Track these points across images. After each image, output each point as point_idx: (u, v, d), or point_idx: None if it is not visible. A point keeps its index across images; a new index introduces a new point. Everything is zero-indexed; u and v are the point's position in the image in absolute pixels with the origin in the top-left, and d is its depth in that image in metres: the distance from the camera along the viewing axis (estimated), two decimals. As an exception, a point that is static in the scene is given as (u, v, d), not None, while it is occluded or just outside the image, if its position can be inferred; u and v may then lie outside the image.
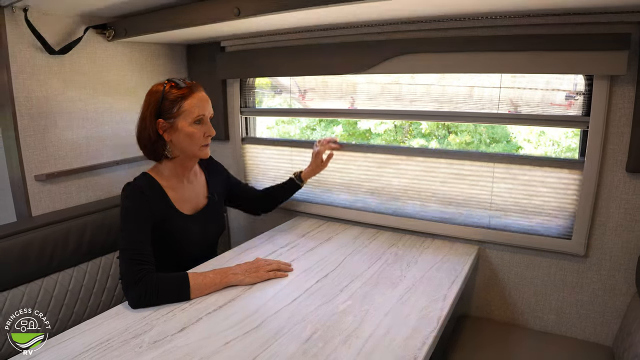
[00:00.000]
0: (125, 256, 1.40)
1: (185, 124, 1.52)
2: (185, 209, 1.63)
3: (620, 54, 1.47)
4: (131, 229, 1.44)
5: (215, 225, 1.76)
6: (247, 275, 1.52)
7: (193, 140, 1.55)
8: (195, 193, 1.70)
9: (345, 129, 8.78)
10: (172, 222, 1.57)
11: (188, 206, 1.65)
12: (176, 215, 1.59)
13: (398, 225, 2.07)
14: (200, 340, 1.18)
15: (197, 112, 1.53)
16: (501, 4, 1.48)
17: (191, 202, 1.67)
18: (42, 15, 1.84)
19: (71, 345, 1.15)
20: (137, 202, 1.49)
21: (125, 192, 1.52)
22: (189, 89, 1.54)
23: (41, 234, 1.69)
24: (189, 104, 1.52)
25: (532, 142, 7.43)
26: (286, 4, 1.49)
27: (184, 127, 1.52)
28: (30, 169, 1.88)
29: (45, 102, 1.90)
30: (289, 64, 2.12)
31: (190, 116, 1.52)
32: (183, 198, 1.63)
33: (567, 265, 1.76)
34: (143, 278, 1.35)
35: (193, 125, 1.53)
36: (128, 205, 1.49)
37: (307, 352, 1.13)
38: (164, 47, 2.41)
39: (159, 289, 1.35)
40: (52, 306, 1.67)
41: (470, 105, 1.90)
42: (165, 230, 1.54)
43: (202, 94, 1.57)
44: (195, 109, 1.52)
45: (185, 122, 1.52)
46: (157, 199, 1.55)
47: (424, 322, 1.28)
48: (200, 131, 1.55)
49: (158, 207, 1.53)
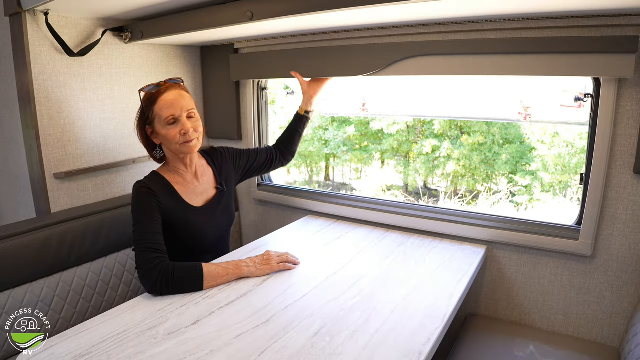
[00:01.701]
0: (139, 247, 1.47)
1: (160, 127, 1.59)
2: (195, 202, 1.69)
3: (628, 57, 1.48)
4: (142, 222, 1.52)
5: (225, 215, 1.80)
6: (259, 268, 1.57)
7: (170, 141, 1.60)
8: (204, 186, 1.75)
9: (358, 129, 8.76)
10: (183, 215, 1.63)
11: (197, 199, 1.71)
12: (186, 208, 1.65)
13: (407, 225, 2.10)
14: (212, 332, 1.22)
15: (167, 113, 1.57)
16: (509, 7, 1.50)
17: (201, 195, 1.72)
18: (62, 19, 1.91)
19: (89, 335, 1.20)
20: (145, 197, 1.56)
21: (134, 190, 1.59)
22: (158, 92, 1.59)
23: (60, 229, 1.75)
24: (158, 108, 1.58)
25: (545, 143, 7.37)
26: (298, 8, 1.53)
27: (160, 130, 1.59)
28: (49, 167, 1.94)
29: (64, 102, 1.97)
30: (300, 65, 2.16)
31: (162, 119, 1.58)
32: (192, 192, 1.70)
33: (575, 266, 1.78)
34: (158, 265, 1.42)
35: (166, 127, 1.58)
36: (137, 201, 1.57)
37: (315, 345, 1.17)
38: (178, 48, 2.46)
39: (174, 275, 1.42)
40: (70, 299, 1.73)
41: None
42: (176, 224, 1.60)
43: (171, 94, 1.59)
44: (164, 111, 1.57)
45: (160, 125, 1.59)
46: (165, 194, 1.61)
47: (430, 319, 1.31)
48: (174, 131, 1.58)
49: (167, 202, 1.60)
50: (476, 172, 7.58)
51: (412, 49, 1.85)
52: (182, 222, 1.63)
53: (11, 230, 1.63)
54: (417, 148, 8.05)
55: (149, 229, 1.50)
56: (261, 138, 2.55)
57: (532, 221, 1.86)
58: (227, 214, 1.81)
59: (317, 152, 8.78)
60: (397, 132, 8.14)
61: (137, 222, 1.53)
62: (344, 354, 1.14)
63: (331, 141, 8.57)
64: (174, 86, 1.62)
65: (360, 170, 9.28)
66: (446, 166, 7.77)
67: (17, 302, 1.57)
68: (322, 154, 8.91)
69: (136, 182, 1.61)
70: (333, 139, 8.55)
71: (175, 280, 1.42)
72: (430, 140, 7.80)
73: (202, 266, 1.48)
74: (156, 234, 1.51)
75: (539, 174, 7.07)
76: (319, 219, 2.29)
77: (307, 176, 9.52)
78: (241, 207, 2.67)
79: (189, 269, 1.46)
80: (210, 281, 1.47)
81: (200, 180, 1.74)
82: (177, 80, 1.66)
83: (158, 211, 1.56)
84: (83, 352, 1.12)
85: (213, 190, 1.77)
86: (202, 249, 1.70)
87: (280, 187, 2.56)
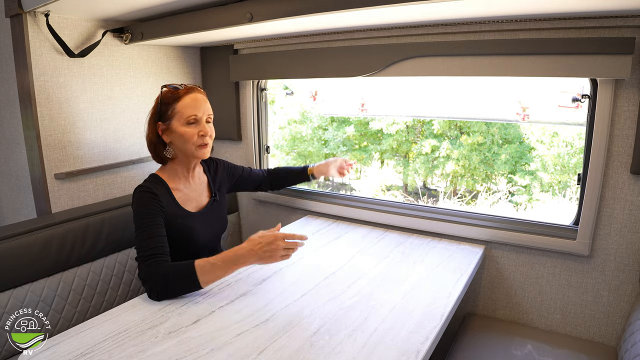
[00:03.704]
0: (138, 255, 1.47)
1: (179, 125, 1.58)
2: (190, 207, 1.69)
3: (625, 58, 1.49)
4: (143, 227, 1.51)
5: (218, 223, 1.81)
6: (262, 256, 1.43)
7: (187, 140, 1.59)
8: (199, 192, 1.75)
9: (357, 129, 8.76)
10: (178, 220, 1.63)
11: (192, 205, 1.71)
12: (182, 213, 1.65)
13: (406, 225, 2.11)
14: (213, 331, 1.23)
15: (189, 112, 1.57)
16: (507, 8, 1.51)
17: (195, 201, 1.73)
18: (63, 20, 1.92)
19: (91, 334, 1.21)
20: (148, 201, 1.55)
21: (136, 195, 1.58)
22: (184, 91, 1.59)
23: (61, 230, 1.75)
24: (181, 106, 1.57)
25: (545, 143, 7.37)
26: (297, 10, 1.54)
27: (177, 127, 1.58)
28: (50, 167, 1.95)
29: (65, 103, 1.98)
30: (300, 66, 2.17)
31: (183, 117, 1.57)
32: (188, 197, 1.70)
33: (572, 266, 1.79)
34: (150, 274, 1.41)
35: (186, 125, 1.58)
36: (140, 205, 1.55)
37: (314, 344, 1.18)
38: (178, 49, 2.47)
39: (167, 279, 1.40)
40: (71, 299, 1.74)
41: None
42: (172, 228, 1.60)
43: (197, 95, 1.60)
44: (187, 109, 1.57)
45: (178, 122, 1.58)
46: (165, 197, 1.61)
47: (428, 318, 1.32)
48: (193, 131, 1.58)
49: (166, 205, 1.60)
50: (475, 172, 7.59)
51: (411, 50, 1.86)
52: (177, 226, 1.62)
53: (12, 231, 1.64)
54: (417, 148, 8.06)
55: (149, 234, 1.49)
56: (261, 138, 2.55)
57: (530, 221, 1.87)
58: (219, 222, 1.81)
59: (317, 152, 8.79)
60: (397, 132, 8.14)
61: (138, 227, 1.51)
62: (343, 352, 1.15)
63: (330, 141, 8.58)
64: (199, 90, 1.63)
65: (360, 170, 9.30)
66: (445, 166, 7.78)
67: (18, 302, 1.57)
68: (321, 154, 8.92)
69: (138, 187, 1.60)
70: (332, 139, 8.55)
71: (170, 283, 1.40)
72: (430, 140, 7.81)
73: (194, 263, 1.42)
74: (156, 237, 1.49)
75: (538, 173, 7.08)
76: (318, 219, 2.30)
77: (306, 176, 9.49)
78: (241, 207, 2.69)
79: (181, 269, 1.42)
80: (207, 275, 1.41)
81: (195, 186, 1.74)
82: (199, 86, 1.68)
83: (161, 213, 1.55)
84: (85, 351, 1.13)
85: (206, 198, 1.77)
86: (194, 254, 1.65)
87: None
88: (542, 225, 1.84)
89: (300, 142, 8.76)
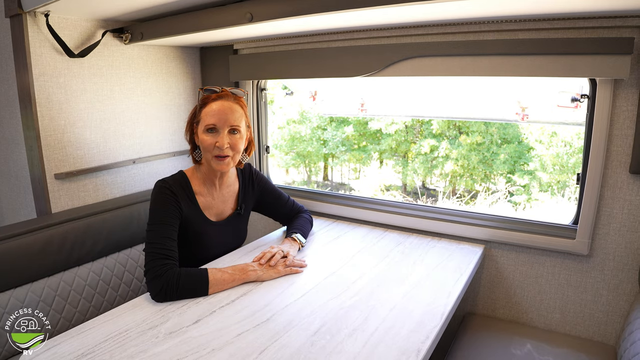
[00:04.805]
0: (150, 250, 1.46)
1: (200, 131, 1.59)
2: (211, 215, 1.69)
3: (624, 58, 1.50)
4: (158, 225, 1.51)
5: (235, 237, 1.81)
6: (265, 272, 1.56)
7: (205, 148, 1.59)
8: (223, 202, 1.74)
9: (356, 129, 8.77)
10: (195, 225, 1.63)
11: (213, 212, 1.70)
12: (200, 219, 1.64)
13: (406, 224, 2.11)
14: (213, 331, 1.23)
15: (208, 120, 1.56)
16: (507, 8, 1.52)
17: (217, 209, 1.72)
18: (63, 20, 1.92)
19: (91, 334, 1.21)
20: (166, 200, 1.55)
21: (156, 189, 1.58)
22: (210, 97, 1.59)
23: (61, 230, 1.76)
24: (204, 113, 1.57)
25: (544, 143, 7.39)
26: (297, 10, 1.55)
27: (200, 133, 1.59)
28: (50, 167, 1.95)
29: (65, 103, 1.98)
30: (299, 66, 2.17)
31: (204, 124, 1.57)
32: (210, 204, 1.69)
33: (572, 265, 1.79)
34: (165, 273, 1.41)
35: (205, 132, 1.57)
36: (158, 201, 1.55)
37: (314, 343, 1.18)
38: (178, 49, 2.47)
39: (180, 284, 1.41)
40: (71, 299, 1.74)
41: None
42: (187, 231, 1.60)
43: (224, 103, 1.57)
44: (207, 117, 1.57)
45: (200, 128, 1.59)
46: (186, 199, 1.61)
47: (428, 317, 1.32)
48: (211, 140, 1.57)
49: (187, 208, 1.60)
50: (474, 171, 7.60)
51: (410, 50, 1.87)
52: (192, 230, 1.62)
53: (12, 231, 1.64)
54: (416, 148, 8.07)
55: (163, 233, 1.49)
56: (260, 138, 2.56)
57: (530, 220, 1.88)
58: (238, 236, 1.81)
59: (316, 152, 8.80)
60: (396, 132, 8.16)
61: (153, 222, 1.52)
62: (344, 352, 1.15)
63: (330, 141, 8.59)
64: (230, 97, 1.60)
65: (359, 170, 9.30)
66: (444, 166, 7.79)
67: (18, 302, 1.57)
68: (320, 154, 8.93)
69: (160, 180, 1.60)
70: (331, 139, 8.57)
71: (180, 288, 1.41)
72: (429, 140, 7.82)
73: (208, 273, 1.46)
74: (170, 240, 1.50)
75: (537, 173, 7.10)
76: (317, 218, 2.30)
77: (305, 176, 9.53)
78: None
79: (195, 277, 1.44)
80: (216, 288, 1.46)
81: (222, 195, 1.73)
82: (240, 93, 1.64)
83: (177, 216, 1.55)
84: (85, 352, 1.13)
85: (231, 209, 1.76)
86: (203, 260, 1.69)
87: (280, 187, 2.57)
88: (542, 224, 1.84)
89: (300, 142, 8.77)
